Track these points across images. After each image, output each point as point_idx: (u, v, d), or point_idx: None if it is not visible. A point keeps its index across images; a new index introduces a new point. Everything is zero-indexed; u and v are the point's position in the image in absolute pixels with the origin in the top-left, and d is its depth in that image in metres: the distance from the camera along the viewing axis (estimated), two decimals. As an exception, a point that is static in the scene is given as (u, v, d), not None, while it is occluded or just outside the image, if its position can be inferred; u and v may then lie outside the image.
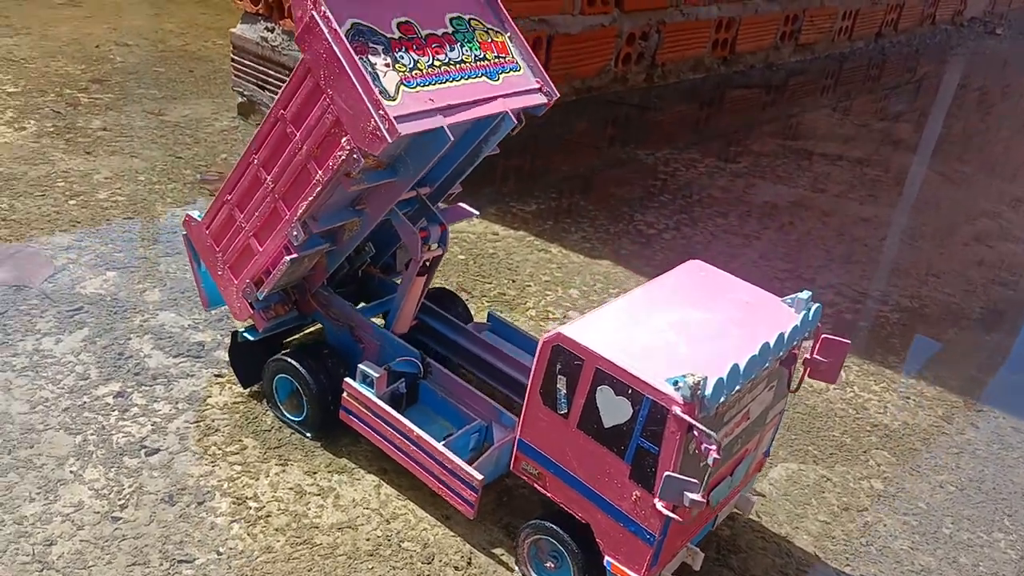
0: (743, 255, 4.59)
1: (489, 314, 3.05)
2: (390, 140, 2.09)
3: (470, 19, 2.49)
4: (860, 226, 5.26)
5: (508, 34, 2.55)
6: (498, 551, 2.37)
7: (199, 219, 2.79)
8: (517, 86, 2.48)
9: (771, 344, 1.98)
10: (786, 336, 2.05)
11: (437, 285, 3.78)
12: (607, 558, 2.05)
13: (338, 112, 2.18)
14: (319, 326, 2.94)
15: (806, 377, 2.29)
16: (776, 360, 2.07)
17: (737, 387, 1.89)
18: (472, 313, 3.58)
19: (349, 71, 2.11)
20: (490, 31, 2.52)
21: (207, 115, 5.48)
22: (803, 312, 2.17)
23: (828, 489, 2.82)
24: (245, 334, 2.81)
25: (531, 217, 4.73)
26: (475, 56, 2.43)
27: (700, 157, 6.16)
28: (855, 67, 10.07)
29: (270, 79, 5.21)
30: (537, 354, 2.04)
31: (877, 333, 3.96)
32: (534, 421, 2.10)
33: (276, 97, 2.38)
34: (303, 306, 2.87)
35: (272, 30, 5.09)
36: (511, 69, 2.51)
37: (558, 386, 2.00)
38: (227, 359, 2.96)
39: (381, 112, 2.08)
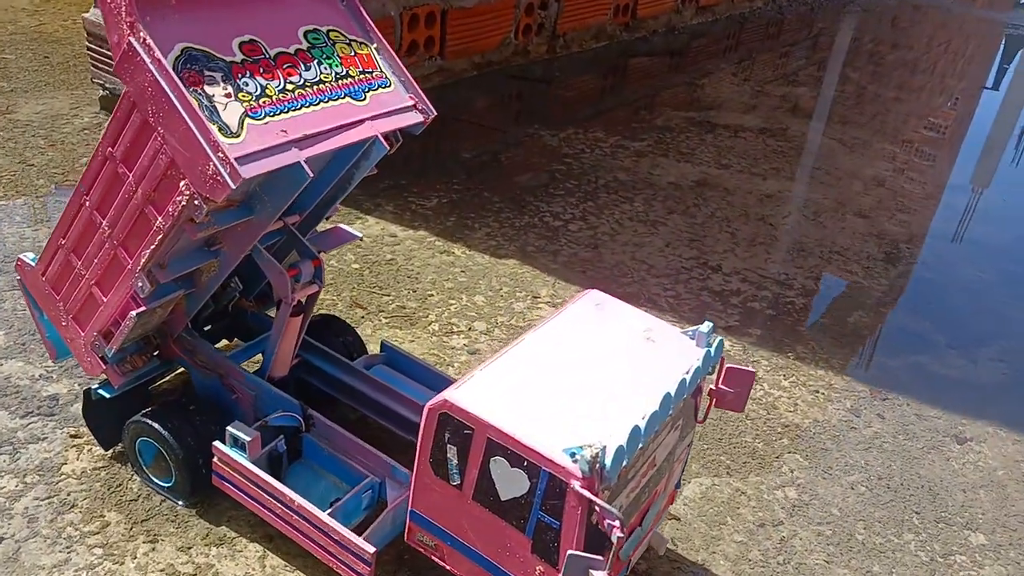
0: (649, 244, 4.47)
1: (382, 344, 2.81)
2: (232, 186, 1.80)
3: (329, 31, 2.20)
4: (764, 204, 5.22)
5: (374, 45, 2.27)
6: (399, 622, 2.17)
7: (33, 262, 2.44)
8: (387, 105, 2.22)
9: (672, 394, 1.82)
10: (688, 381, 1.89)
11: (328, 305, 3.51)
12: (513, 635, 1.87)
13: (172, 153, 1.87)
14: (183, 371, 2.64)
15: (713, 407, 2.16)
16: (681, 402, 1.92)
17: (640, 446, 1.72)
18: (369, 333, 3.34)
19: (179, 107, 1.80)
20: (353, 43, 2.24)
21: (64, 111, 4.95)
22: (705, 349, 2.01)
23: (743, 504, 2.73)
24: (100, 391, 2.49)
25: (432, 214, 4.47)
26: (336, 74, 2.15)
27: (604, 136, 5.99)
28: (755, 27, 10.09)
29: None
30: (423, 422, 1.82)
31: (784, 321, 3.90)
32: (426, 491, 1.89)
33: (103, 132, 2.05)
34: (165, 352, 2.56)
35: (130, 21, 4.60)
36: (380, 86, 2.24)
37: (448, 456, 1.79)
38: (83, 418, 2.63)
39: (220, 155, 1.79)
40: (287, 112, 1.99)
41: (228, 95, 1.90)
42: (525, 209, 4.69)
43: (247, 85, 1.94)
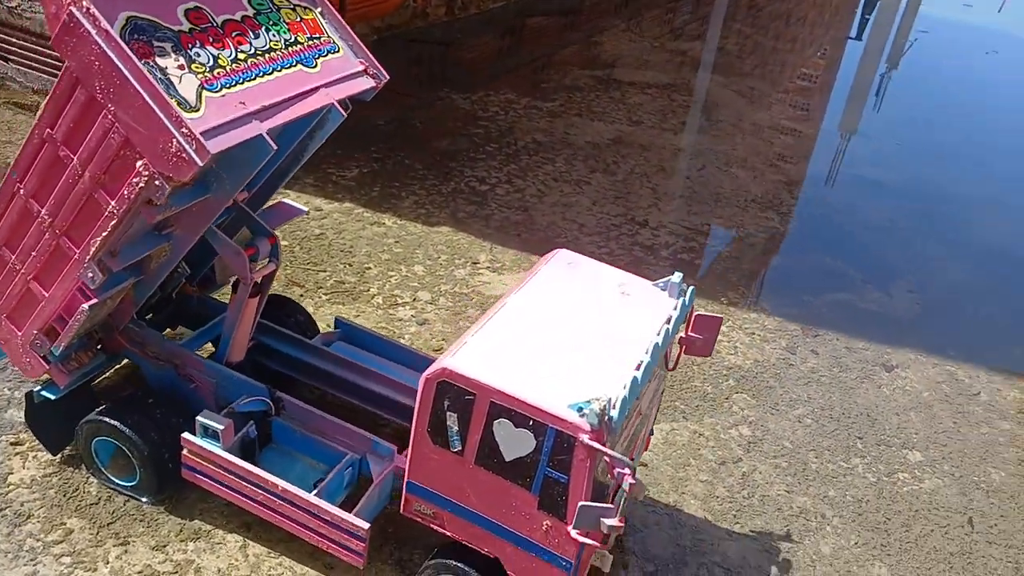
0: (577, 203, 4.53)
1: (336, 320, 2.74)
2: (200, 163, 1.70)
3: (272, -5, 2.10)
4: (678, 157, 5.36)
5: (319, 9, 2.18)
6: (394, 594, 2.17)
7: (-46, 261, 2.24)
8: (339, 71, 2.14)
9: (660, 344, 1.87)
10: (671, 329, 1.95)
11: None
12: (520, 590, 1.90)
13: (126, 131, 1.75)
14: (126, 363, 2.51)
15: (682, 355, 2.23)
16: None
17: (637, 397, 1.77)
18: (311, 310, 3.25)
19: (133, 81, 1.68)
20: (297, 8, 2.14)
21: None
22: (681, 299, 2.07)
23: (702, 444, 2.85)
24: (43, 392, 2.33)
25: (355, 185, 4.36)
26: (285, 41, 2.05)
27: (516, 97, 5.98)
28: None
29: (13, 47, 4.36)
30: (420, 391, 1.80)
31: (714, 270, 4.06)
32: (423, 461, 1.88)
33: (38, 111, 1.89)
34: (110, 345, 2.41)
35: (4, -10, 4.23)
36: (329, 51, 2.15)
37: (448, 423, 1.79)
38: (23, 422, 2.46)
39: (184, 130, 1.69)
40: (242, 83, 1.89)
41: (181, 67, 1.79)
42: (450, 175, 4.64)
43: (199, 56, 1.84)
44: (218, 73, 1.85)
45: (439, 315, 3.39)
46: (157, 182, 1.78)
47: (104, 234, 1.92)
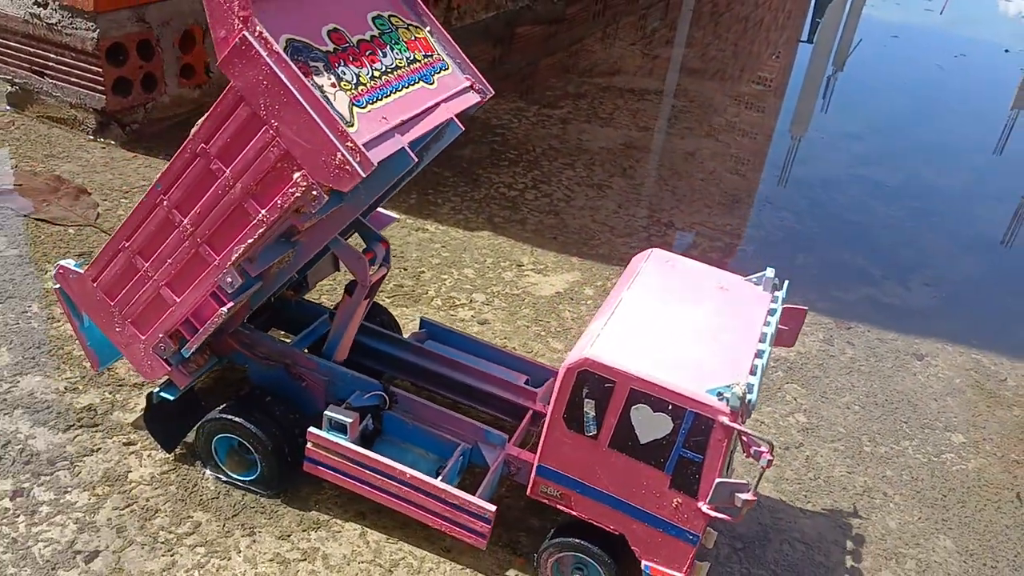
0: (603, 207, 4.71)
1: (422, 320, 2.89)
2: (364, 174, 1.85)
3: (390, 16, 2.25)
4: (689, 161, 5.59)
5: (428, 28, 2.34)
6: (511, 572, 2.32)
7: (78, 269, 2.34)
8: (452, 87, 2.30)
9: (770, 334, 2.06)
10: (776, 322, 2.14)
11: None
12: (645, 563, 2.07)
13: (287, 145, 1.89)
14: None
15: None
16: (764, 342, 2.17)
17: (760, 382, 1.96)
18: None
19: (301, 99, 1.82)
20: (411, 28, 2.29)
21: (-33, 110, 4.56)
22: (777, 292, 2.27)
23: (765, 432, 3.05)
24: (163, 394, 2.44)
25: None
26: (407, 59, 2.20)
27: (525, 105, 6.15)
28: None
29: (51, 63, 4.41)
30: (560, 381, 1.96)
31: (743, 267, 4.25)
32: (557, 446, 2.04)
33: (194, 129, 2.01)
34: (219, 348, 2.53)
35: (44, 5, 4.28)
36: (441, 68, 2.31)
37: (586, 410, 1.95)
38: (131, 422, 2.57)
39: (349, 144, 1.83)
40: (381, 100, 2.04)
41: (333, 84, 1.93)
42: (479, 182, 4.80)
43: (344, 74, 1.98)
44: (361, 90, 1.99)
45: (496, 315, 3.54)
46: (314, 192, 1.91)
47: (250, 240, 2.05)
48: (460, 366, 2.64)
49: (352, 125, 1.90)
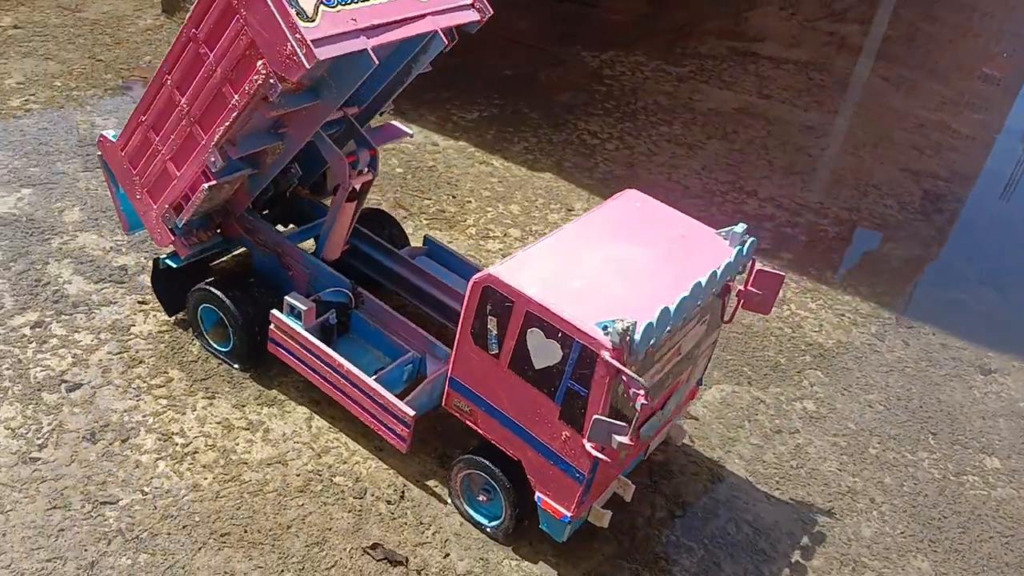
0: (685, 165, 4.54)
1: (425, 238, 2.96)
2: (308, 66, 1.93)
3: (394, -78, 2.28)
4: (803, 134, 5.23)
5: (438, -61, 2.35)
6: (432, 483, 2.39)
7: (114, 139, 2.60)
8: (448, 2, 2.31)
9: (703, 283, 1.96)
10: (719, 273, 2.02)
11: (372, 204, 3.66)
12: (538, 494, 2.07)
13: (253, 34, 2.00)
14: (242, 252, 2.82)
15: (740, 308, 2.29)
16: (710, 295, 2.06)
17: (668, 329, 1.87)
18: (410, 232, 3.49)
19: (261, -12, 1.92)
20: (419, -64, 2.31)
21: (128, 12, 5.07)
22: (737, 247, 2.14)
23: (761, 411, 2.89)
24: (167, 261, 2.68)
25: (472, 126, 4.56)
26: (401, -32, 2.24)
27: (646, 60, 5.97)
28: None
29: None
30: (467, 294, 1.98)
31: (815, 247, 3.99)
32: (465, 359, 2.07)
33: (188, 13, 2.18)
34: (227, 230, 2.74)
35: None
36: (441, -20, 2.33)
37: (489, 327, 1.96)
38: (150, 286, 2.84)
39: (298, 36, 1.92)
40: (357, 2, 2.10)
41: (306, -20, 2.00)
42: (563, 126, 4.75)
43: (322, -28, 2.05)
44: (337, -11, 2.06)
45: (528, 253, 3.55)
46: (271, 80, 2.02)
47: (227, 123, 2.20)
48: (440, 284, 2.69)
49: (312, 21, 1.98)
